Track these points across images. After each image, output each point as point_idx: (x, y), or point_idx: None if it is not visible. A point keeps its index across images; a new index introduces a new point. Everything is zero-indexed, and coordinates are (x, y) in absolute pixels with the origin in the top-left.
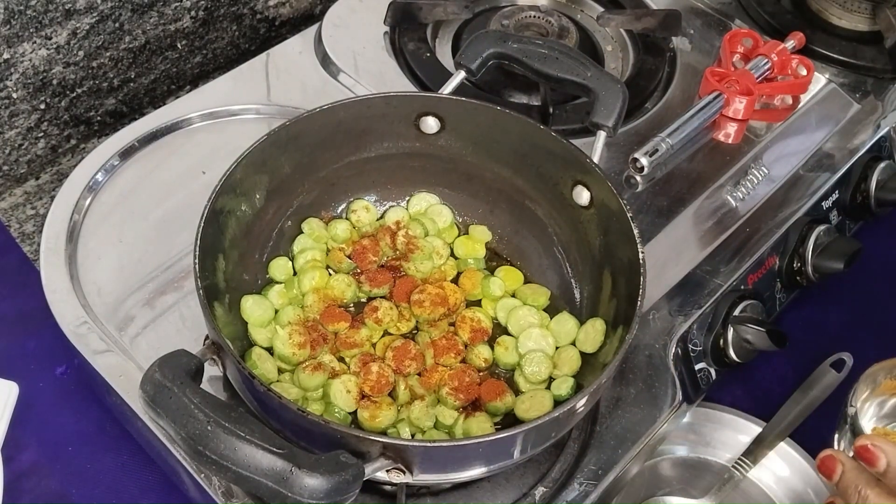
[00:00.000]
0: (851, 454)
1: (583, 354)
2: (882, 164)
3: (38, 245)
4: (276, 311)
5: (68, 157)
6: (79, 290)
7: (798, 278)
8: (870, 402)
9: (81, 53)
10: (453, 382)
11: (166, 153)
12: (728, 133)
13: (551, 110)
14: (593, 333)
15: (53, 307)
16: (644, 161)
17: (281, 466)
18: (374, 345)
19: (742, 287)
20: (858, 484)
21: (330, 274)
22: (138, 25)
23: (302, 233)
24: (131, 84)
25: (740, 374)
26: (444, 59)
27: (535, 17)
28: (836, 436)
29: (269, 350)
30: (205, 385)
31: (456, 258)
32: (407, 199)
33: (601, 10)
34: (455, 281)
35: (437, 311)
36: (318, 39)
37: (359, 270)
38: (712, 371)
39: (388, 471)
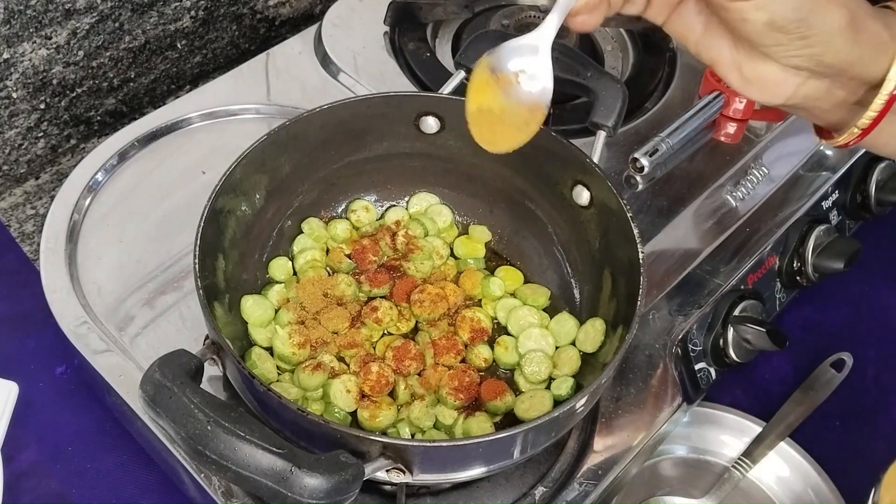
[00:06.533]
0: None
1: (583, 354)
2: (882, 164)
3: (38, 245)
4: (276, 311)
5: (68, 157)
6: (79, 290)
7: (798, 278)
8: None
9: (81, 53)
10: (453, 382)
11: (166, 153)
12: (728, 133)
13: (551, 110)
14: (593, 333)
15: (53, 307)
16: (644, 161)
17: (281, 466)
18: (374, 345)
19: (742, 287)
20: None
21: (330, 274)
22: (138, 25)
23: (302, 233)
24: (131, 84)
25: (740, 374)
26: (444, 59)
27: (535, 16)
28: None
29: (269, 350)
30: (205, 385)
31: (456, 258)
32: (407, 199)
33: None
34: (455, 281)
35: (437, 310)
36: (318, 39)
37: (359, 270)
38: (712, 371)
39: (388, 471)
